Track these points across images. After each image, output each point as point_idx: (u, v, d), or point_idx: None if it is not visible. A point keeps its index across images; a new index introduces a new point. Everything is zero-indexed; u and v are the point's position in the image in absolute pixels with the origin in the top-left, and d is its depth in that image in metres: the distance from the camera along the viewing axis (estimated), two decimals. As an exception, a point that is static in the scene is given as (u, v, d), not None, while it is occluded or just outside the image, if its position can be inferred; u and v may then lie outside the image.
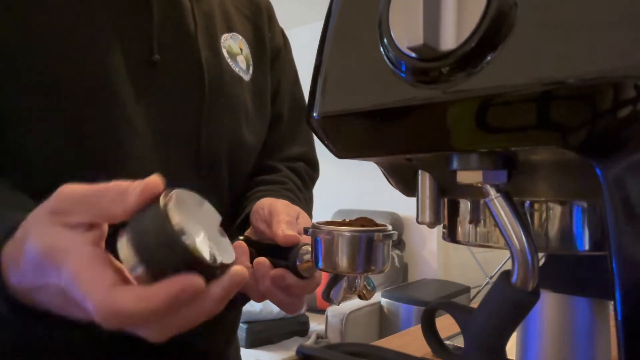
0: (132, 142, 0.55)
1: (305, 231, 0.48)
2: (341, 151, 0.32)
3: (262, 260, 0.53)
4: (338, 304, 0.50)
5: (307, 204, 0.69)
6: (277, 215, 0.56)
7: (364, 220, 0.48)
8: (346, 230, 0.44)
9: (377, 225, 0.47)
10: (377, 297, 2.91)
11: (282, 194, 0.65)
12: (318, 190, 0.77)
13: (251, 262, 0.54)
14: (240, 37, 0.67)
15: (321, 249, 0.45)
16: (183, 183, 0.60)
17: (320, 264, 0.45)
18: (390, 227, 0.46)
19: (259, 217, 0.60)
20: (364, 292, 0.49)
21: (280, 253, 0.53)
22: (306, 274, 0.51)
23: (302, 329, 2.71)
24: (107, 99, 0.52)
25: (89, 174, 0.56)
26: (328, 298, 0.48)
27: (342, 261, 0.44)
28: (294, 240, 0.52)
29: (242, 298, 0.58)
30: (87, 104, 0.51)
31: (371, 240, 0.44)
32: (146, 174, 0.59)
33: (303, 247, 0.51)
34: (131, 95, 0.53)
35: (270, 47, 0.72)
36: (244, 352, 0.81)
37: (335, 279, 0.48)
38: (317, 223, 0.47)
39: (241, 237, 0.58)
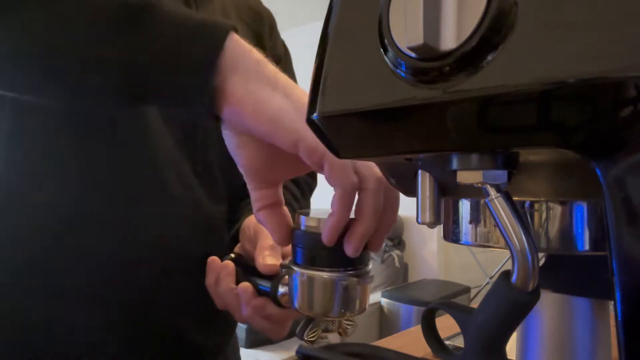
0: (137, 132, 0.56)
1: (281, 269, 0.48)
2: (341, 151, 0.32)
3: (246, 286, 0.53)
4: (313, 344, 0.49)
5: None
6: (262, 238, 0.55)
7: None
8: (322, 274, 0.43)
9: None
10: (377, 297, 2.91)
11: None
12: (318, 190, 0.77)
13: (237, 282, 0.55)
14: None
15: (296, 290, 0.44)
16: (182, 176, 0.61)
17: (296, 304, 0.45)
18: (369, 268, 0.45)
19: (245, 236, 0.60)
20: (342, 330, 0.49)
21: (265, 277, 0.52)
22: (287, 304, 0.51)
23: (302, 329, 2.71)
24: None
25: (103, 163, 0.57)
26: (304, 339, 0.48)
27: (318, 304, 0.43)
28: (273, 270, 0.52)
29: None
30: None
31: (347, 283, 0.43)
32: (149, 165, 0.60)
33: (286, 277, 0.50)
34: None
35: (271, 55, 0.73)
36: (244, 352, 0.81)
37: (312, 318, 0.48)
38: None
39: (232, 255, 0.58)
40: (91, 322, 0.57)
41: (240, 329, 2.54)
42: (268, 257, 0.53)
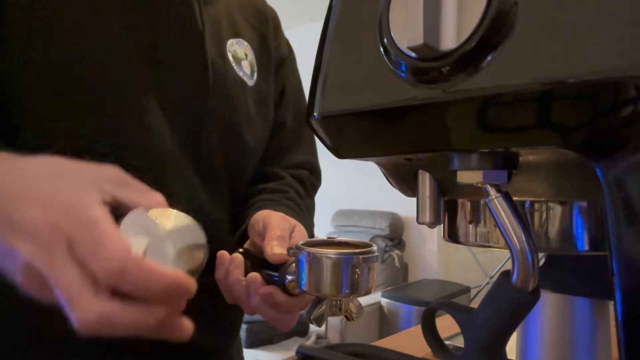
0: (137, 136, 0.56)
1: (288, 252, 0.48)
2: (341, 151, 0.32)
3: (255, 276, 0.53)
4: (321, 326, 0.49)
5: (308, 213, 0.69)
6: (270, 230, 0.56)
7: (346, 244, 0.48)
8: (328, 253, 0.43)
9: (359, 246, 0.46)
10: (377, 297, 2.91)
11: (283, 203, 0.65)
12: (318, 190, 0.77)
13: (246, 276, 0.55)
14: (246, 44, 0.67)
15: (304, 272, 0.44)
16: (185, 179, 0.61)
17: (304, 286, 0.45)
18: (375, 248, 0.45)
19: (254, 231, 0.60)
20: (349, 313, 0.49)
21: (273, 268, 0.53)
22: (295, 292, 0.51)
23: (302, 329, 2.71)
24: (113, 93, 0.52)
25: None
26: (311, 319, 0.48)
27: (325, 285, 0.43)
28: (281, 258, 0.52)
29: None
30: (93, 97, 0.51)
31: (354, 263, 0.43)
32: (151, 168, 0.60)
33: (293, 265, 0.51)
34: (136, 90, 0.53)
35: (275, 56, 0.73)
36: (244, 352, 0.81)
37: (319, 300, 0.48)
38: (302, 243, 0.46)
39: (240, 250, 0.59)
40: None
41: (241, 329, 2.54)
42: (276, 247, 0.53)
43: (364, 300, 2.82)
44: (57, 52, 0.49)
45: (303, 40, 1.89)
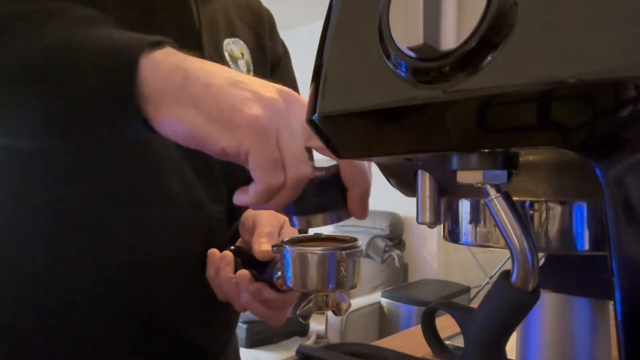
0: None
1: (273, 248, 0.48)
2: (341, 151, 0.32)
3: (244, 273, 0.54)
4: (306, 322, 0.49)
5: None
6: (260, 226, 0.56)
7: (332, 240, 0.48)
8: (313, 249, 0.43)
9: (345, 241, 0.46)
10: (377, 297, 2.92)
11: None
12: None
13: (236, 273, 0.55)
14: (242, 43, 0.68)
15: (289, 268, 0.45)
16: (182, 177, 0.61)
17: (289, 283, 0.45)
18: (359, 243, 0.45)
19: (244, 228, 0.61)
20: (336, 308, 0.49)
21: (262, 265, 0.53)
22: (284, 288, 0.51)
23: (302, 329, 2.71)
24: None
25: (92, 168, 0.57)
26: (298, 315, 0.48)
27: (311, 280, 0.44)
28: (269, 255, 0.52)
29: None
30: None
31: (338, 258, 0.43)
32: (150, 166, 0.60)
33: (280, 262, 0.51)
34: None
35: (271, 56, 0.73)
36: (244, 352, 0.81)
37: (305, 296, 0.48)
38: (287, 240, 0.46)
39: (231, 247, 0.59)
40: (91, 324, 0.57)
41: (240, 329, 2.54)
42: (264, 244, 0.53)
43: (364, 300, 2.83)
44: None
45: (303, 40, 1.89)
